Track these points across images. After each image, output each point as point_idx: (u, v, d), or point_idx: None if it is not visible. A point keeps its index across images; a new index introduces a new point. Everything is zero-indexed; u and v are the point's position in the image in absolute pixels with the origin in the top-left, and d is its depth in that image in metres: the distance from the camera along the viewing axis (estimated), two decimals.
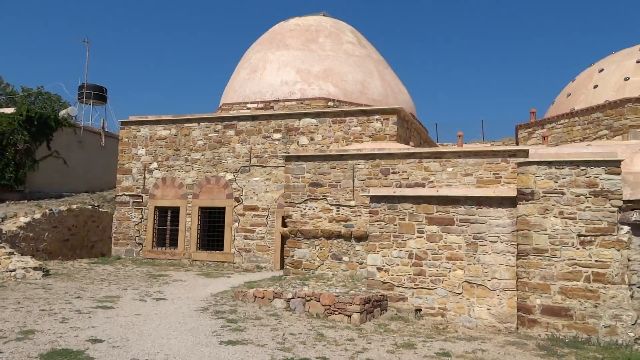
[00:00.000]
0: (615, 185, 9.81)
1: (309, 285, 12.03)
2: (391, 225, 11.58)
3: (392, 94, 22.49)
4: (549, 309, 9.84)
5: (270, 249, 18.90)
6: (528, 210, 10.24)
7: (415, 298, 11.18)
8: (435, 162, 13.43)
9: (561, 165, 10.14)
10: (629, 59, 20.79)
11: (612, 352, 8.69)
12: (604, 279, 9.64)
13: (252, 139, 19.66)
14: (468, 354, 8.28)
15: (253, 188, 19.40)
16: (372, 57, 23.52)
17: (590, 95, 20.59)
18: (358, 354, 7.95)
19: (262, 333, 8.91)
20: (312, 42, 22.99)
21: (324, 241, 14.30)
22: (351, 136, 18.42)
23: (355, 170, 14.27)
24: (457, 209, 11.10)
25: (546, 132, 20.30)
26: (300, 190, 14.79)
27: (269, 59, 22.88)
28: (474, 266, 10.81)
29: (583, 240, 9.84)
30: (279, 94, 21.61)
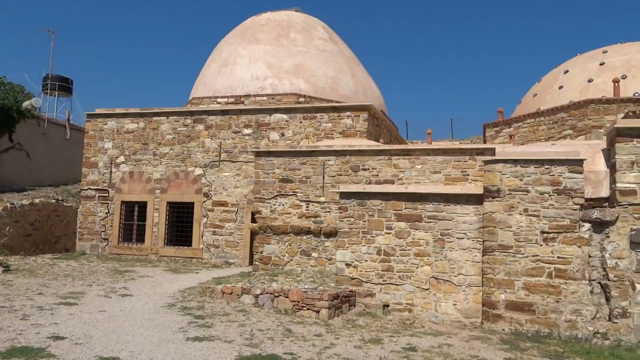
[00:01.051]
0: (577, 183, 10.07)
1: (278, 281, 12.00)
2: (360, 221, 11.64)
3: (363, 90, 22.58)
4: (513, 304, 10.05)
5: (239, 245, 18.78)
6: (494, 208, 10.43)
7: (383, 294, 11.27)
8: (405, 159, 13.57)
9: (526, 163, 10.35)
10: (592, 62, 21.37)
11: (572, 345, 8.93)
12: (565, 275, 9.89)
13: (222, 133, 19.46)
14: (434, 348, 8.39)
15: (222, 183, 19.23)
16: (343, 54, 23.56)
17: (555, 95, 21.09)
18: (326, 349, 7.97)
19: (229, 329, 8.85)
20: (284, 37, 22.89)
21: (294, 237, 14.29)
22: (322, 132, 18.42)
23: (326, 167, 14.29)
24: (425, 206, 11.22)
25: (513, 131, 20.70)
26: (270, 186, 14.73)
27: (240, 53, 22.69)
28: (441, 262, 10.96)
29: (546, 237, 10.07)
30: (249, 89, 21.47)
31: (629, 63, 20.17)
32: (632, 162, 9.75)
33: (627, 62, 20.27)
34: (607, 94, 18.84)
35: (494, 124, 22.06)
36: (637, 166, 9.72)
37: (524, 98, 24.06)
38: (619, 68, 20.10)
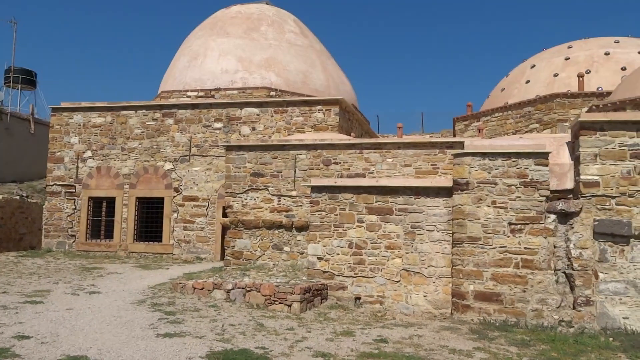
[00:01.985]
0: (543, 176, 10.30)
1: (250, 276, 11.96)
2: (332, 215, 11.67)
3: (334, 84, 22.61)
4: (482, 294, 10.24)
5: (210, 240, 18.63)
6: (463, 200, 10.59)
7: (354, 287, 11.34)
8: (376, 152, 13.64)
9: (494, 156, 10.52)
10: (558, 56, 21.83)
11: (538, 334, 9.15)
12: (532, 265, 10.12)
13: (192, 127, 19.24)
14: (405, 339, 8.49)
15: (193, 178, 19.03)
16: (314, 47, 23.53)
17: (522, 90, 21.49)
18: (297, 342, 7.99)
19: (201, 325, 8.78)
20: (254, 30, 22.72)
21: (265, 231, 14.24)
22: (293, 126, 18.38)
23: (297, 161, 14.27)
24: (396, 199, 11.32)
25: (481, 125, 21.03)
26: (241, 181, 14.63)
27: (210, 46, 22.44)
28: (412, 254, 11.08)
29: (513, 228, 10.27)
30: (220, 83, 21.26)
31: (592, 58, 20.68)
32: (595, 154, 10.01)
33: (590, 58, 20.77)
34: (572, 88, 19.30)
35: (463, 117, 22.37)
36: (599, 159, 9.99)
37: (493, 92, 24.44)
38: (583, 63, 20.60)
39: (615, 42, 21.47)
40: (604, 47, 21.16)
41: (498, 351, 7.92)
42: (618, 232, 9.76)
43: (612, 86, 18.03)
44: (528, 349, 8.10)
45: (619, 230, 9.75)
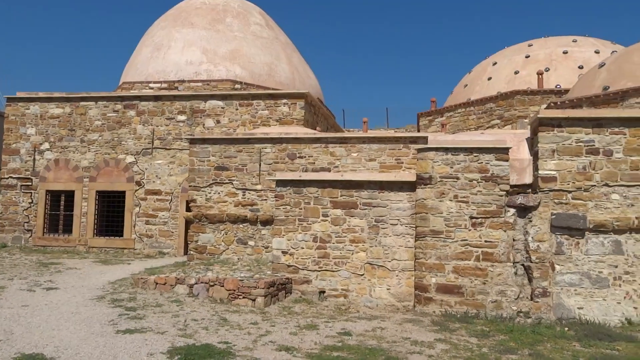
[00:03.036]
0: (503, 170, 10.53)
1: (214, 271, 11.84)
2: (297, 209, 11.65)
3: (300, 78, 22.54)
4: (443, 287, 10.41)
5: (173, 234, 18.37)
6: (426, 194, 10.73)
7: (319, 280, 11.37)
8: (341, 147, 13.69)
9: (457, 151, 10.69)
10: (518, 54, 22.35)
11: (497, 325, 9.38)
12: (492, 257, 10.35)
13: (155, 120, 18.88)
14: (368, 332, 8.57)
15: (156, 171, 18.69)
16: (280, 40, 23.38)
17: (484, 86, 21.92)
18: (261, 337, 7.96)
19: (162, 320, 8.65)
20: (219, 22, 22.42)
21: (230, 225, 14.12)
22: (258, 120, 18.26)
23: (262, 154, 14.18)
24: (360, 193, 11.38)
25: (445, 120, 21.37)
26: (205, 174, 14.46)
27: (173, 37, 22.02)
28: (376, 248, 11.18)
29: (475, 222, 10.48)
30: (184, 74, 20.91)
31: (552, 57, 21.26)
32: (553, 150, 10.29)
33: (549, 56, 21.35)
34: (532, 85, 19.79)
35: (427, 113, 22.67)
36: (557, 154, 10.28)
37: (456, 88, 24.85)
38: (543, 61, 21.15)
39: (573, 41, 22.12)
40: (563, 46, 21.78)
41: (459, 342, 8.08)
42: (574, 225, 10.07)
43: (570, 84, 18.57)
44: (487, 340, 8.29)
45: (575, 223, 10.06)
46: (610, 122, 10.18)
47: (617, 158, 10.08)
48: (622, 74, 14.30)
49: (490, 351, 7.60)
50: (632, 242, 9.93)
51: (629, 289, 9.85)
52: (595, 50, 21.18)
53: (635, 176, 9.99)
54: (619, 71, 14.47)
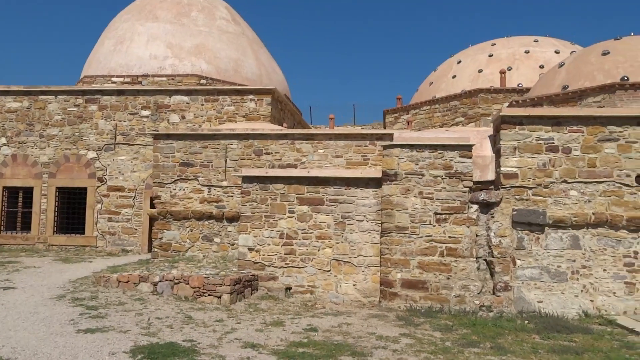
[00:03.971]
0: (467, 167, 10.72)
1: (178, 268, 11.68)
2: (263, 205, 11.60)
3: (267, 74, 22.41)
4: (408, 282, 10.55)
5: (137, 232, 18.03)
6: (392, 191, 10.83)
7: (285, 277, 11.36)
8: (308, 143, 13.67)
9: (421, 148, 10.83)
10: (482, 53, 22.77)
11: (460, 319, 9.56)
12: (455, 253, 10.54)
13: (117, 115, 18.47)
14: (334, 328, 8.61)
15: (119, 167, 18.30)
16: (246, 35, 23.19)
17: (449, 84, 22.25)
18: (227, 334, 7.90)
19: (125, 319, 8.49)
20: (184, 15, 22.07)
21: (195, 222, 13.95)
22: (224, 115, 18.08)
23: (228, 150, 14.05)
24: (327, 190, 11.41)
25: (411, 118, 21.60)
26: (170, 170, 14.23)
27: (137, 30, 21.58)
28: (342, 244, 11.23)
29: (439, 218, 10.65)
30: (147, 69, 20.52)
31: (514, 56, 21.74)
32: (514, 147, 10.53)
33: (512, 55, 21.83)
34: (495, 84, 20.20)
35: (393, 110, 22.88)
36: (518, 151, 10.52)
37: (421, 86, 25.15)
38: (505, 60, 21.62)
39: (535, 41, 22.68)
40: (525, 45, 22.30)
41: (423, 336, 8.20)
42: (534, 221, 10.34)
43: (532, 83, 19.03)
44: (451, 334, 8.44)
45: (535, 219, 10.33)
46: (568, 121, 10.48)
47: (575, 155, 10.39)
48: (580, 74, 14.74)
49: (453, 345, 7.74)
50: (589, 237, 10.26)
51: (585, 283, 10.18)
52: (556, 51, 21.76)
53: (592, 173, 10.32)
54: (577, 71, 14.91)
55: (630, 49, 14.46)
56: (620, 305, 10.05)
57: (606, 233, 10.23)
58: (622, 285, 10.10)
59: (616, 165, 10.28)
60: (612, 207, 10.23)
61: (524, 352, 7.45)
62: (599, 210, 10.23)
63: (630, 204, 10.20)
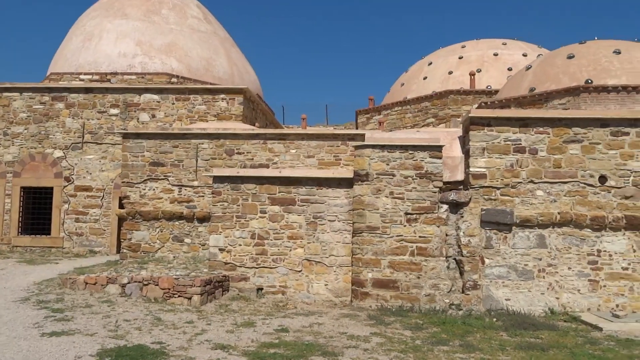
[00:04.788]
0: (437, 168, 10.85)
1: (148, 269, 11.51)
2: (234, 205, 11.52)
3: (239, 73, 22.27)
4: (379, 281, 10.62)
5: (105, 232, 17.70)
6: (363, 191, 10.89)
7: (257, 277, 11.31)
8: (280, 143, 13.64)
9: (393, 149, 10.92)
10: (453, 55, 23.09)
11: (430, 317, 9.67)
12: (426, 252, 10.66)
13: (85, 113, 18.10)
14: (305, 328, 8.61)
15: (86, 167, 17.93)
16: (218, 34, 23.00)
17: (420, 85, 22.50)
18: (197, 336, 7.82)
19: (92, 321, 8.32)
20: (155, 13, 21.75)
21: (165, 223, 13.77)
22: (195, 115, 17.89)
23: (199, 150, 13.91)
24: (298, 190, 11.40)
25: (382, 118, 21.76)
26: (139, 170, 14.02)
27: (106, 27, 21.17)
28: (314, 244, 11.24)
29: (409, 218, 10.75)
30: (117, 66, 20.15)
31: (483, 58, 22.12)
32: (483, 148, 10.71)
33: (481, 58, 22.20)
34: (465, 85, 20.51)
35: (365, 110, 23.01)
36: (487, 152, 10.70)
37: (393, 87, 25.36)
38: (475, 62, 21.97)
39: (503, 44, 23.11)
40: (494, 48, 22.71)
41: (393, 335, 8.26)
42: (502, 220, 10.54)
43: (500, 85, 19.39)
44: (421, 332, 8.53)
45: (503, 218, 10.53)
46: (535, 122, 10.71)
47: (542, 156, 10.63)
48: (546, 76, 15.08)
49: (423, 343, 7.82)
50: (555, 236, 10.51)
51: (551, 280, 10.42)
52: (523, 54, 22.22)
53: (557, 173, 10.57)
54: (544, 74, 15.25)
55: (594, 53, 14.87)
56: (584, 302, 10.32)
57: (571, 232, 10.49)
58: (586, 283, 10.37)
59: (580, 166, 10.55)
60: (576, 207, 10.49)
61: (491, 349, 7.58)
62: (564, 209, 10.49)
63: (593, 203, 10.48)
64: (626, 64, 14.22)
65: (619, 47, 14.74)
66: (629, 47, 14.90)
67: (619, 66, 14.20)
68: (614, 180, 10.48)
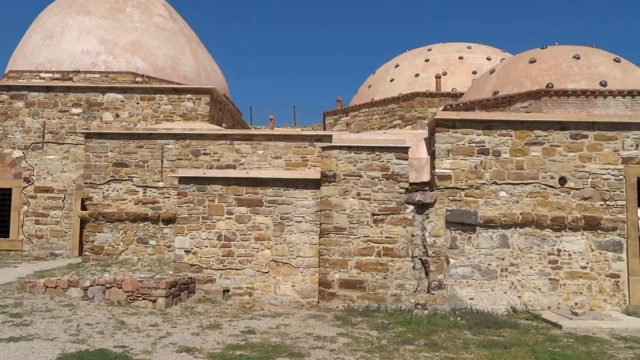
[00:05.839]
0: (403, 169, 10.97)
1: (111, 272, 11.27)
2: (200, 207, 11.39)
3: (206, 73, 22.04)
4: (346, 282, 10.67)
5: (67, 235, 17.26)
6: (330, 192, 10.92)
7: (223, 279, 11.21)
8: (247, 144, 13.57)
9: (360, 150, 10.99)
10: (419, 58, 23.39)
11: (396, 317, 9.76)
12: (392, 253, 10.75)
13: (46, 112, 17.61)
14: (272, 329, 8.57)
15: (47, 167, 17.45)
16: (184, 33, 22.70)
17: (387, 87, 22.71)
18: (161, 339, 7.70)
19: (52, 326, 8.10)
20: (119, 11, 21.32)
21: (129, 224, 13.53)
22: (161, 115, 17.62)
23: (165, 151, 13.71)
24: (265, 191, 11.35)
25: (350, 120, 21.87)
26: (102, 170, 13.73)
27: (68, 24, 20.64)
28: (281, 245, 11.21)
29: (376, 218, 10.83)
30: (79, 65, 19.66)
31: (449, 61, 22.48)
32: (448, 150, 10.89)
33: (447, 61, 22.56)
34: (431, 88, 20.79)
35: (333, 112, 23.08)
36: (452, 154, 10.88)
37: (361, 88, 25.52)
38: (441, 65, 22.30)
39: (468, 47, 23.55)
40: (459, 51, 23.11)
41: (360, 335, 8.31)
42: (466, 221, 10.73)
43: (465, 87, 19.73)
44: (387, 332, 8.60)
45: (467, 219, 10.72)
46: (498, 125, 10.94)
47: (505, 158, 10.87)
48: (509, 80, 15.42)
49: (389, 343, 7.89)
50: (517, 236, 10.75)
51: (514, 280, 10.66)
52: (487, 57, 22.68)
53: (519, 175, 10.82)
54: (507, 78, 15.60)
55: (555, 57, 15.28)
56: (545, 300, 10.59)
57: (532, 232, 10.75)
58: (547, 282, 10.65)
59: (542, 167, 10.83)
60: (537, 208, 10.76)
61: (456, 347, 7.70)
62: (526, 210, 10.74)
63: (554, 204, 10.78)
64: (585, 69, 14.67)
65: (578, 52, 15.20)
66: (587, 52, 15.38)
67: (578, 71, 14.64)
68: (573, 182, 10.80)
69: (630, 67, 15.24)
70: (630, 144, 10.89)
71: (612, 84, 14.19)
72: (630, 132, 10.92)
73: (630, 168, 10.83)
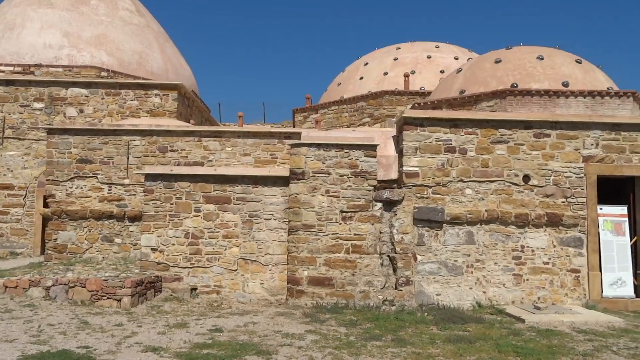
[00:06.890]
0: (372, 166, 11.04)
1: (75, 271, 11.02)
2: (167, 204, 11.23)
3: (173, 68, 21.71)
4: (315, 279, 10.68)
5: (28, 233, 16.76)
6: (299, 189, 10.91)
7: (191, 277, 11.08)
8: (215, 141, 13.44)
9: (329, 147, 11.01)
10: (388, 56, 23.57)
11: (365, 313, 9.83)
12: (360, 250, 10.82)
13: (6, 107, 17.06)
14: (240, 328, 8.52)
15: (7, 164, 16.91)
16: (152, 28, 22.31)
17: (357, 85, 22.82)
18: (126, 338, 7.56)
19: (12, 327, 7.87)
20: (83, 3, 20.79)
21: (94, 222, 13.24)
22: (127, 110, 17.27)
23: (131, 147, 13.46)
24: (234, 188, 11.27)
25: (319, 117, 21.88)
26: (66, 167, 13.40)
27: (29, 16, 20.02)
28: (249, 243, 11.15)
29: (345, 216, 10.88)
30: (41, 58, 19.10)
31: (417, 60, 22.72)
32: (416, 148, 11.01)
33: (415, 60, 22.80)
34: (400, 86, 20.98)
35: (302, 109, 23.05)
36: (419, 152, 11.01)
37: (330, 86, 25.56)
38: (409, 64, 22.53)
39: (436, 47, 23.85)
40: (427, 51, 23.38)
41: (328, 332, 8.34)
42: (433, 218, 10.87)
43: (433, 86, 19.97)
44: (355, 329, 8.66)
45: (434, 216, 10.86)
46: (465, 123, 11.12)
47: (471, 156, 11.05)
48: (475, 80, 15.69)
49: (357, 339, 7.94)
50: (482, 233, 10.96)
51: (479, 275, 10.86)
52: (455, 57, 23.01)
53: (485, 173, 11.02)
54: (473, 77, 15.87)
55: (519, 58, 15.62)
56: (509, 295, 10.83)
57: (497, 229, 10.97)
58: (511, 277, 10.89)
59: (506, 165, 11.06)
60: (502, 205, 10.99)
61: (422, 343, 7.81)
62: (491, 207, 10.95)
63: (518, 201, 11.02)
64: (548, 70, 15.04)
65: (542, 53, 15.56)
66: (551, 53, 15.76)
67: (542, 71, 15.00)
68: (536, 180, 11.06)
69: (590, 68, 15.70)
70: (591, 143, 11.22)
71: (574, 84, 14.59)
72: (590, 131, 11.24)
73: (590, 166, 11.16)
